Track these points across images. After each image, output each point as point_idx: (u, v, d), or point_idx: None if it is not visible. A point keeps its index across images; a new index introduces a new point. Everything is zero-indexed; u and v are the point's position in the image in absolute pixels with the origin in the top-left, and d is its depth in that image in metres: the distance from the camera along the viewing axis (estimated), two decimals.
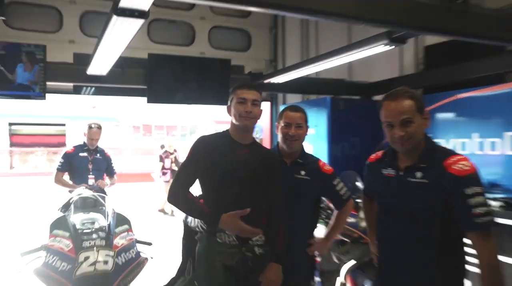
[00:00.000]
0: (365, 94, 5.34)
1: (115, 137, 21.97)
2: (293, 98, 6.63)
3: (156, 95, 4.75)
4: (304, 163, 2.41)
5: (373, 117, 2.59)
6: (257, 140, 2.26)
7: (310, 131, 4.74)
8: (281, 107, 5.76)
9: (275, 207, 2.16)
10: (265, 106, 7.23)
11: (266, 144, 7.09)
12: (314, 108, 5.05)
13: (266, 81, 5.18)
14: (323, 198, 2.56)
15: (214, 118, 23.76)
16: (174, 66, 4.66)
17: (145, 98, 4.67)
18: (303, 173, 2.42)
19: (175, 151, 10.07)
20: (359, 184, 3.70)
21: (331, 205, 2.58)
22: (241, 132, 2.20)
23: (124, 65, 4.33)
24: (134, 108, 22.60)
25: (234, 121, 2.11)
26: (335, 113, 4.95)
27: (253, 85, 2.25)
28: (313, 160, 2.47)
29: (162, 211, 9.79)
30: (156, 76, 4.63)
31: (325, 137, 4.92)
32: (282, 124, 2.42)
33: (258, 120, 2.23)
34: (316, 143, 4.95)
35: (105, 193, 4.46)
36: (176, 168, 9.76)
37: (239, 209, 2.00)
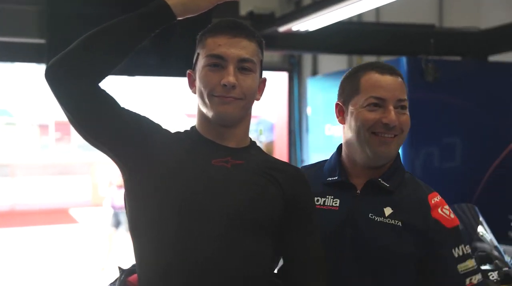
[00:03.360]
0: (473, 53, 4.59)
1: (5, 144, 19.01)
2: (332, 63, 5.93)
3: None
4: (392, 190, 1.77)
5: (492, 95, 2.37)
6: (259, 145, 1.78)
7: None
8: (309, 81, 5.23)
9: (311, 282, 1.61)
10: (278, 79, 6.50)
11: (281, 155, 6.24)
12: None
13: (281, 29, 4.45)
14: None
15: (185, 110, 21.69)
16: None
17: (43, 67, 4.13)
18: (388, 212, 1.76)
19: None
20: (483, 233, 2.84)
21: None
22: (217, 126, 1.61)
23: None
24: (40, 93, 19.60)
25: (200, 105, 1.62)
26: (418, 88, 3.97)
27: (240, 25, 1.64)
28: (414, 186, 1.83)
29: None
30: (65, 20, 3.85)
31: None
32: (363, 104, 1.74)
33: (258, 105, 1.73)
34: None
35: None
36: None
37: (202, 278, 1.47)
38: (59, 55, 1.48)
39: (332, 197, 1.76)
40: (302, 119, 6.20)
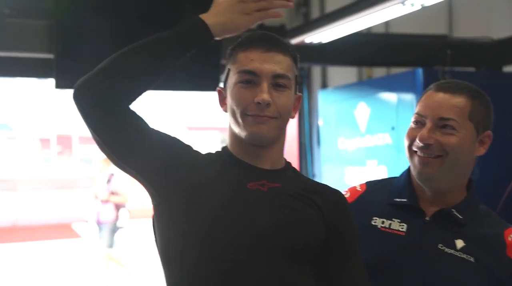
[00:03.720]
0: (487, 64, 4.53)
1: (6, 158, 18.77)
2: (341, 76, 5.92)
3: (73, 74, 2.81)
4: (464, 223, 1.68)
5: (510, 106, 2.33)
6: None
7: (385, 138, 4.15)
8: (320, 94, 5.16)
9: None
10: None
11: None
12: (388, 93, 4.14)
13: (293, 41, 4.43)
14: None
15: (186, 123, 21.53)
16: (110, 12, 3.85)
17: (51, 81, 4.00)
18: (460, 245, 1.65)
19: (110, 175, 7.80)
20: None
21: None
22: (251, 147, 1.49)
23: (7, 13, 3.70)
24: (41, 106, 19.62)
25: (233, 125, 1.51)
26: None
27: (274, 38, 1.53)
28: (488, 220, 1.72)
29: None
30: (73, 34, 3.83)
31: None
32: (412, 121, 1.76)
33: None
34: (394, 159, 3.84)
35: None
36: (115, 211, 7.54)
37: None
38: (87, 75, 1.38)
39: (399, 220, 1.67)
40: (313, 132, 6.12)
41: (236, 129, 1.49)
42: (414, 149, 1.63)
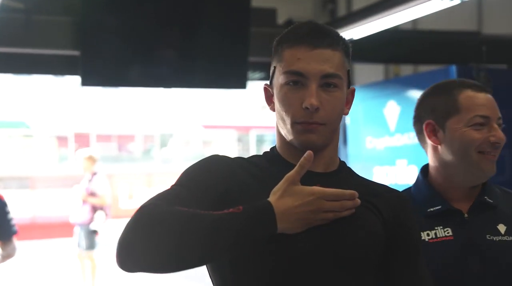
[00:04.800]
0: None
1: (23, 156, 18.56)
2: (367, 73, 5.82)
3: (99, 72, 3.89)
4: (495, 205, 1.73)
5: None
6: None
7: (415, 137, 3.66)
8: None
9: None
10: None
11: None
12: (419, 92, 3.78)
13: None
14: None
15: (201, 121, 21.10)
16: (137, 10, 3.82)
17: (77, 78, 4.04)
18: (503, 229, 1.70)
19: (93, 174, 7.30)
20: None
21: None
22: (303, 151, 1.34)
23: (31, 9, 3.65)
24: (58, 104, 19.43)
25: (281, 128, 1.42)
26: None
27: (322, 31, 1.39)
28: (507, 195, 1.82)
29: None
30: (99, 32, 3.81)
31: None
32: (468, 123, 1.72)
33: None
34: (425, 159, 2.66)
35: None
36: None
37: None
38: (125, 236, 1.20)
39: (441, 227, 1.67)
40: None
41: (283, 132, 1.41)
42: (486, 149, 1.65)
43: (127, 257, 1.20)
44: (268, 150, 1.52)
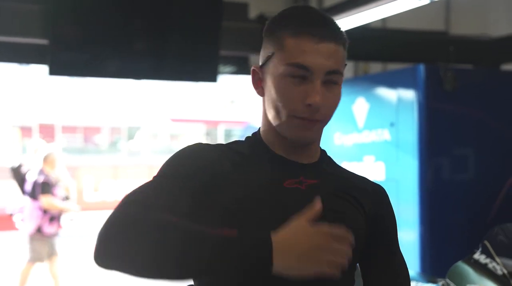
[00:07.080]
0: (485, 61, 4.63)
1: None
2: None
3: (68, 61, 3.85)
4: None
5: (508, 106, 2.47)
6: None
7: (383, 134, 4.17)
8: None
9: None
10: None
11: None
12: (388, 89, 4.15)
13: None
14: None
15: (170, 114, 20.98)
16: (108, 0, 3.83)
17: (44, 68, 4.01)
18: None
19: (44, 166, 5.98)
20: None
21: None
22: (291, 144, 1.38)
23: None
24: (23, 94, 19.23)
25: (272, 118, 1.37)
26: (436, 98, 3.97)
27: (327, 21, 1.34)
28: None
29: None
30: (69, 21, 3.79)
31: (414, 148, 3.99)
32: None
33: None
34: (392, 156, 3.89)
35: None
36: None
37: None
38: (106, 232, 1.16)
39: None
40: None
41: (275, 123, 1.37)
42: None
43: (105, 254, 1.15)
44: (250, 134, 1.48)
